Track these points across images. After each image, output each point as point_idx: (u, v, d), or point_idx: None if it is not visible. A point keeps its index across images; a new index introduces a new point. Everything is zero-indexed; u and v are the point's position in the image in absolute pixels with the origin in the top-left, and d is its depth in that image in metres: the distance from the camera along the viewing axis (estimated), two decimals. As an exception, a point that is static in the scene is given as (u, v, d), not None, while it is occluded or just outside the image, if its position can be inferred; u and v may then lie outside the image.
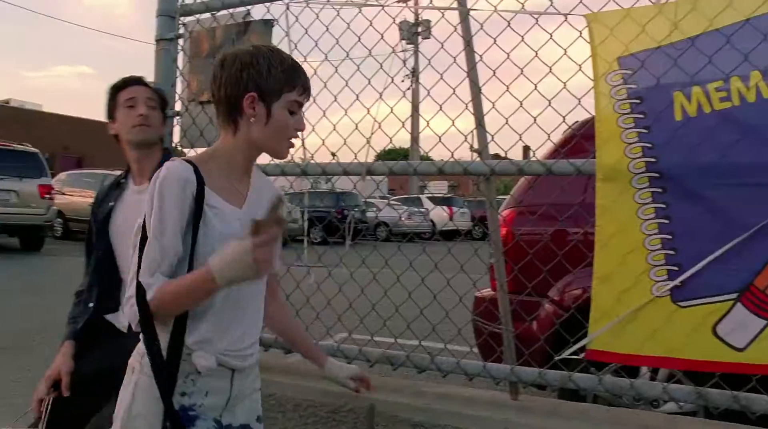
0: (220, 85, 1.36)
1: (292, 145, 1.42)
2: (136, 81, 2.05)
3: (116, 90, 2.03)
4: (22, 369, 4.18)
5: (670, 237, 1.65)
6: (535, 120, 1.85)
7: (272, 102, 1.35)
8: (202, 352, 1.34)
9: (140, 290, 1.29)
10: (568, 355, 1.77)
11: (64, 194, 14.81)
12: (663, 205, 1.66)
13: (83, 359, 1.93)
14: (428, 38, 25.31)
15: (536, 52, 1.83)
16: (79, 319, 1.98)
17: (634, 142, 1.68)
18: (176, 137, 2.49)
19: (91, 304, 1.98)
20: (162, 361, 1.33)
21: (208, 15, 2.43)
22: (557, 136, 2.88)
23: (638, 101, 1.68)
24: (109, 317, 2.01)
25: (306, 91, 1.39)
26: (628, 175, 1.68)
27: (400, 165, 2.04)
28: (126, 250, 1.95)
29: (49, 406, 1.81)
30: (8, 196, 10.98)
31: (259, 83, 1.33)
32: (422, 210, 15.87)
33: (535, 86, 1.85)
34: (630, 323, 1.69)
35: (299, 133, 1.42)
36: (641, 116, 1.68)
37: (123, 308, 1.98)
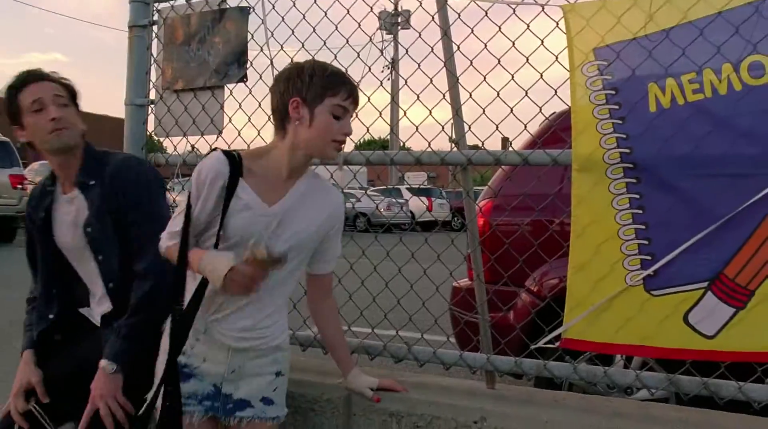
0: (273, 96, 1.53)
1: (339, 148, 1.55)
2: (35, 77, 1.78)
3: (15, 91, 1.76)
4: (-6, 362, 4.11)
5: (643, 227, 1.67)
6: (511, 110, 1.86)
7: (315, 106, 1.48)
8: (199, 315, 1.52)
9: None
10: (544, 344, 1.79)
11: (37, 184, 14.49)
12: (637, 196, 1.68)
13: (56, 359, 1.87)
14: (408, 29, 25.25)
15: (513, 42, 1.84)
16: (35, 327, 1.89)
17: (609, 133, 1.69)
18: (150, 126, 2.44)
19: (51, 316, 1.89)
20: (175, 318, 1.52)
21: (182, 1, 2.38)
22: (534, 127, 2.89)
23: (613, 92, 1.69)
24: (83, 311, 1.97)
25: (350, 97, 1.52)
26: (603, 166, 1.69)
27: (377, 154, 2.03)
28: (78, 261, 1.89)
29: (41, 412, 1.76)
30: (-22, 187, 10.74)
31: (302, 89, 1.48)
32: (401, 201, 15.88)
33: (512, 76, 1.86)
34: (604, 312, 1.71)
35: (345, 137, 1.54)
36: (616, 107, 1.69)
37: (97, 306, 1.94)
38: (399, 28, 25.67)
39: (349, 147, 2.07)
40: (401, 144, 1.95)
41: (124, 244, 1.82)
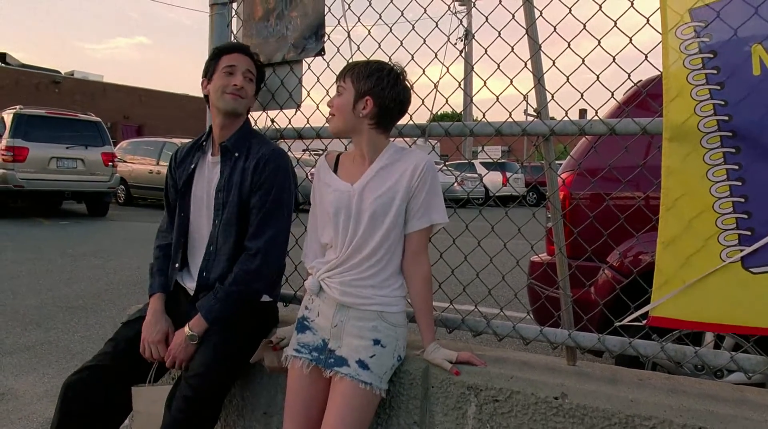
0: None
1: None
2: (242, 49, 2.07)
3: (220, 53, 2.05)
4: (91, 327, 4.41)
5: (742, 200, 1.56)
6: (597, 77, 1.77)
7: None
8: (312, 277, 1.81)
9: None
10: (630, 322, 1.72)
11: (125, 162, 15.31)
12: (736, 166, 1.56)
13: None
14: (482, -1, 24.56)
15: (600, 5, 1.74)
16: (169, 275, 2.07)
17: (705, 100, 1.58)
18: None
19: (177, 265, 2.08)
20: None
21: (261, -22, 2.41)
22: (619, 98, 2.75)
23: (711, 56, 1.58)
24: (177, 277, 2.07)
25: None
26: (697, 135, 1.59)
27: (456, 126, 1.99)
28: (197, 217, 2.05)
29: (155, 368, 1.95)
30: (75, 164, 11.50)
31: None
32: (475, 175, 15.68)
33: (599, 42, 1.76)
34: (696, 289, 1.62)
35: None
36: (714, 72, 1.57)
37: (188, 275, 2.05)
38: (473, -2, 24.98)
39: (425, 118, 2.05)
40: (477, 117, 1.90)
41: (241, 221, 1.97)
